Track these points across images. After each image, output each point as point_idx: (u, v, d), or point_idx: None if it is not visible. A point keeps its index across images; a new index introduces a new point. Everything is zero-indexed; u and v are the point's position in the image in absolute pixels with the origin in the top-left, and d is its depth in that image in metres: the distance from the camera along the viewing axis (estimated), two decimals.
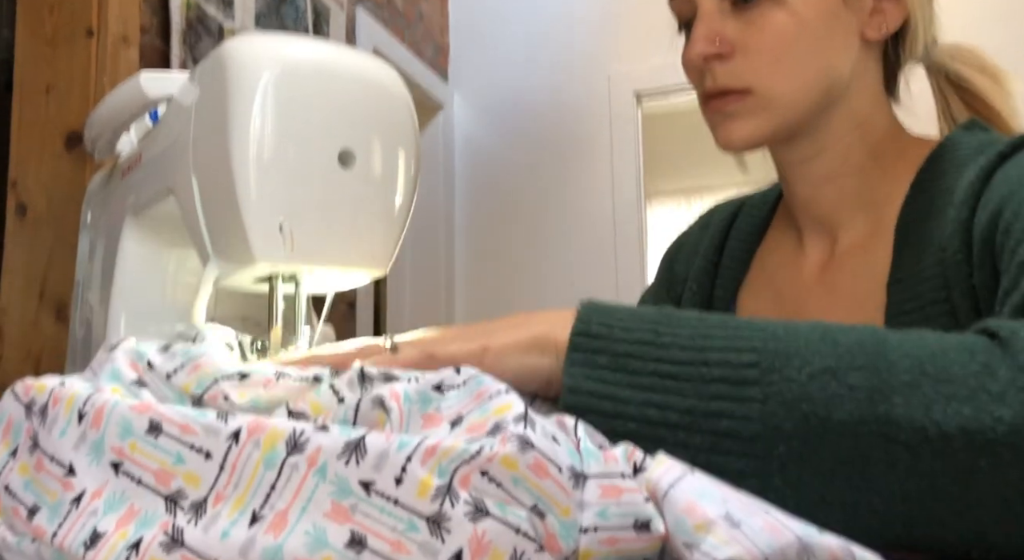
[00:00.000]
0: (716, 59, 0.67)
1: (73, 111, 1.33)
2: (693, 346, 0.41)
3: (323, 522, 0.31)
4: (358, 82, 0.65)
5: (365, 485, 0.32)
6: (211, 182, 0.63)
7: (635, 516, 0.32)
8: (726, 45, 0.67)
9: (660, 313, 0.44)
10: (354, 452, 0.32)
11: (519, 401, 0.35)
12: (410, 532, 0.30)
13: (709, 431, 0.39)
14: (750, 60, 0.66)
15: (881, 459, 0.36)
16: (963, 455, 0.35)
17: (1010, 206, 0.56)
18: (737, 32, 0.67)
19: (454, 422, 0.36)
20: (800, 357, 0.39)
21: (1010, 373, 0.37)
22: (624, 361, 0.41)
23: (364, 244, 0.66)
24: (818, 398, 0.38)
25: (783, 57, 0.66)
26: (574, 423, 0.36)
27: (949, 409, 0.36)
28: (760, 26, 0.66)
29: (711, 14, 0.67)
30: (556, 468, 0.31)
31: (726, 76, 0.67)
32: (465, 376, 0.39)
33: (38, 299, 1.30)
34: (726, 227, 0.84)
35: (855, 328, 0.41)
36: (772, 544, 0.30)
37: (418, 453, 0.32)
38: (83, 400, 0.40)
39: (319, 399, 0.40)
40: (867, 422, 0.37)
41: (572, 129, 3.05)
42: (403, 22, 2.87)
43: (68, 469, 0.38)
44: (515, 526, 0.30)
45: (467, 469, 0.31)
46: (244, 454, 0.34)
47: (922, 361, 0.38)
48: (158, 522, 0.35)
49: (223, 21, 1.88)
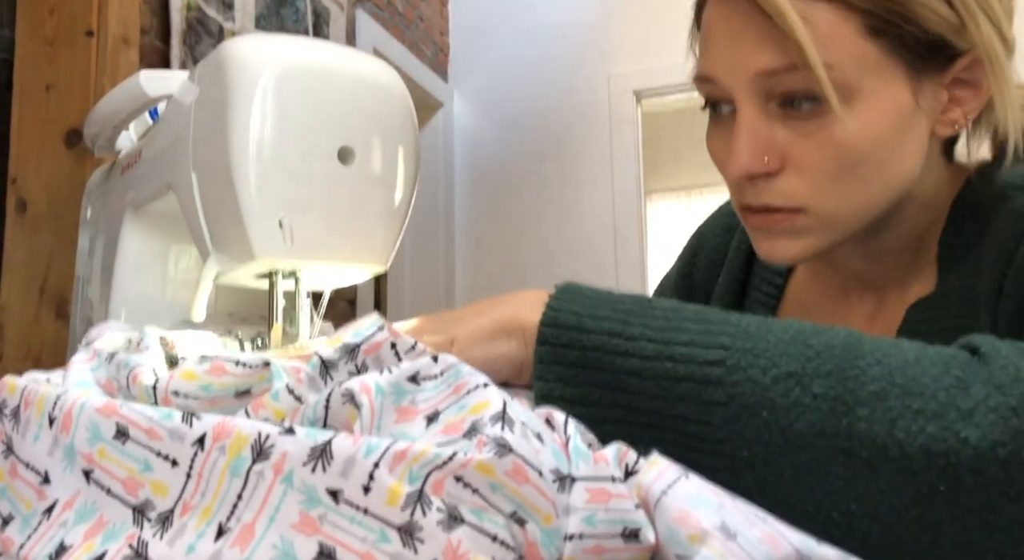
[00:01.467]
0: (762, 177, 0.55)
1: (73, 110, 1.33)
2: (661, 339, 0.40)
3: (290, 535, 0.30)
4: (357, 81, 0.65)
5: (333, 493, 0.30)
6: (211, 179, 0.63)
7: (624, 524, 0.30)
8: (775, 161, 0.54)
9: (633, 300, 0.43)
10: (320, 458, 0.31)
11: (498, 397, 0.34)
12: (381, 543, 0.29)
13: (678, 431, 0.38)
14: (804, 178, 0.54)
15: (840, 473, 0.35)
16: (923, 476, 0.34)
17: None
18: (788, 144, 0.54)
19: (430, 417, 0.35)
20: (767, 358, 0.38)
21: (984, 390, 0.35)
22: (593, 356, 0.40)
23: (364, 241, 0.67)
24: (780, 405, 0.36)
25: (845, 175, 0.53)
26: (564, 419, 0.34)
27: (914, 426, 0.34)
28: (818, 141, 0.53)
29: (756, 121, 0.54)
30: (537, 473, 0.30)
31: (774, 195, 0.55)
32: (443, 365, 0.37)
33: (38, 296, 1.30)
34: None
35: (830, 330, 0.39)
36: (770, 556, 0.29)
37: (386, 458, 0.30)
38: (52, 403, 0.39)
39: (278, 404, 0.39)
40: (828, 435, 0.35)
41: (572, 128, 3.05)
42: (403, 23, 2.87)
43: (44, 477, 0.38)
44: (492, 534, 0.28)
45: (440, 474, 0.29)
46: (210, 461, 0.33)
47: (893, 371, 0.36)
48: (124, 535, 0.34)
49: (223, 22, 1.88)
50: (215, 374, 0.41)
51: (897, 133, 0.53)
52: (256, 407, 0.39)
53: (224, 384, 0.41)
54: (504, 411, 0.32)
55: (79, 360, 0.47)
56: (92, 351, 0.48)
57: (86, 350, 0.49)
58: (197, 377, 0.41)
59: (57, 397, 0.39)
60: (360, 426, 0.34)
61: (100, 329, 0.55)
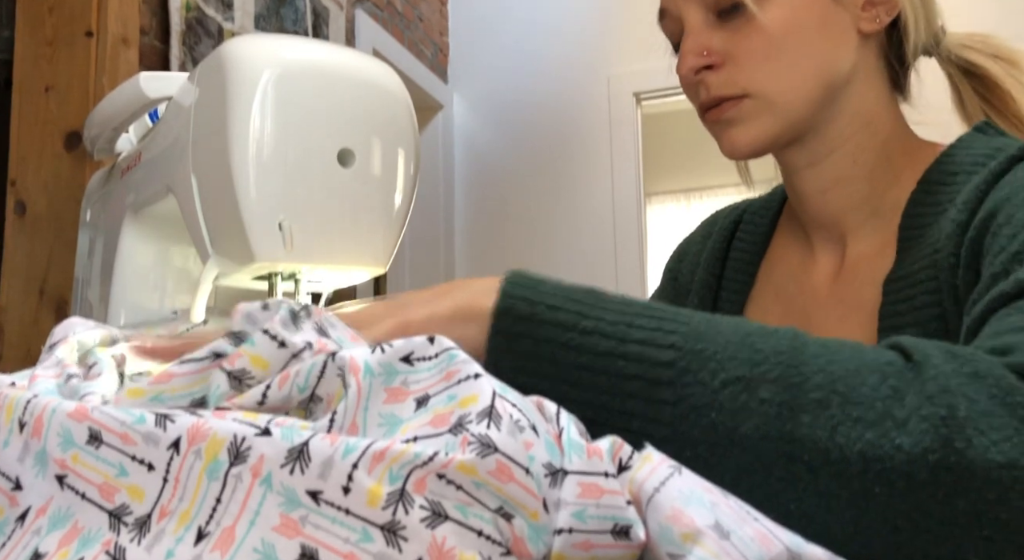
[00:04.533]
0: (707, 70, 0.67)
1: (73, 111, 1.33)
2: (615, 335, 0.40)
3: (272, 537, 0.29)
4: (357, 82, 0.65)
5: (313, 494, 0.29)
6: (211, 181, 0.63)
7: (614, 520, 0.30)
8: (715, 55, 0.66)
9: (587, 293, 0.43)
10: (298, 460, 0.30)
11: (488, 391, 0.33)
12: (364, 543, 0.28)
13: (622, 428, 0.39)
14: (741, 66, 0.66)
15: (782, 475, 0.37)
16: (859, 480, 0.36)
17: (1005, 209, 0.54)
18: (724, 42, 0.66)
19: (420, 400, 0.34)
20: (716, 361, 0.39)
21: (916, 400, 0.36)
22: (546, 349, 0.41)
23: (363, 243, 0.66)
24: (727, 408, 0.38)
25: (773, 58, 0.65)
26: (556, 410, 0.34)
27: (853, 433, 0.36)
28: (746, 33, 0.65)
29: (698, 29, 0.67)
30: (523, 470, 0.29)
31: (719, 85, 0.66)
32: (438, 348, 0.36)
33: (38, 297, 1.30)
34: (728, 236, 0.81)
35: (776, 332, 0.41)
36: (762, 556, 0.29)
37: (365, 459, 0.29)
38: (22, 407, 0.38)
39: (255, 350, 0.37)
40: (772, 438, 0.37)
41: (572, 130, 3.05)
42: (403, 23, 2.87)
43: (15, 483, 0.37)
44: (477, 529, 0.28)
45: (422, 473, 0.29)
46: (186, 465, 0.33)
47: (835, 380, 0.38)
48: (100, 541, 0.33)
49: (223, 23, 1.88)
50: (162, 382, 0.39)
51: (819, 24, 0.65)
52: (233, 359, 0.37)
53: (175, 388, 0.39)
54: (492, 406, 0.31)
55: (46, 374, 0.46)
56: (60, 366, 0.47)
57: (48, 355, 0.48)
58: (144, 392, 0.40)
59: (27, 402, 0.38)
60: (345, 407, 0.34)
61: (63, 328, 0.53)
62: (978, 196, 0.58)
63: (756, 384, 0.38)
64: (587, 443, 0.33)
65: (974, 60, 0.71)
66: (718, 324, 0.41)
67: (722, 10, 0.66)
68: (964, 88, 0.72)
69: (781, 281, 0.76)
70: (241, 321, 0.40)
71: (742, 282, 0.78)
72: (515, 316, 0.42)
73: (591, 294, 0.43)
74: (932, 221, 0.62)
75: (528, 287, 0.43)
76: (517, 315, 0.42)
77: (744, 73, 0.65)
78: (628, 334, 0.40)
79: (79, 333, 0.52)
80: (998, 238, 0.53)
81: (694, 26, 0.67)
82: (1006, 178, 0.58)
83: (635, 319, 0.41)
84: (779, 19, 0.64)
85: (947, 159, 0.65)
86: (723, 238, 0.81)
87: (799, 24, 0.65)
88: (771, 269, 0.77)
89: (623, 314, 0.42)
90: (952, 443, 0.35)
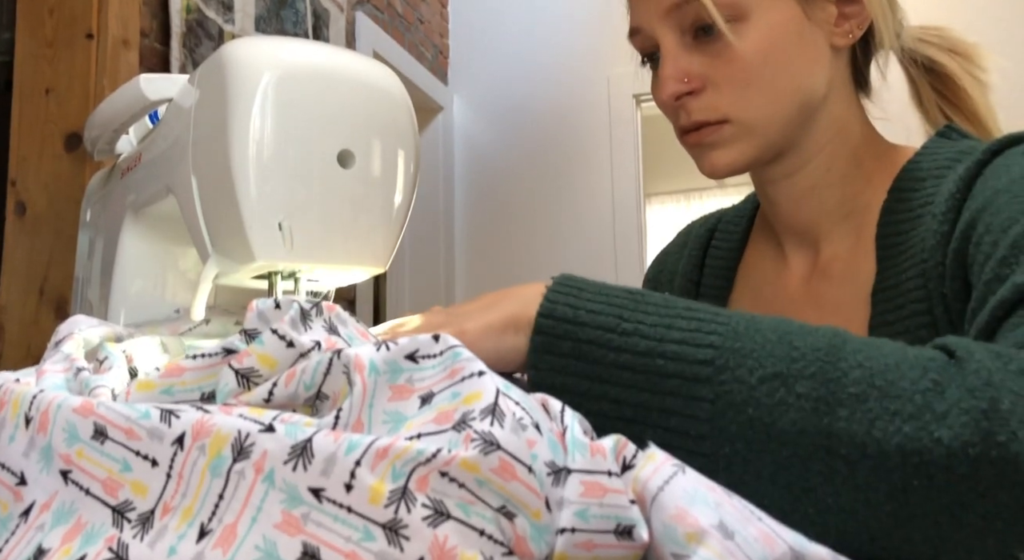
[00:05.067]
0: (688, 96, 0.66)
1: (73, 112, 1.33)
2: (654, 336, 0.41)
3: (273, 535, 0.29)
4: (357, 84, 0.66)
5: (315, 492, 0.29)
6: (211, 182, 0.63)
7: (617, 520, 0.30)
8: (695, 81, 0.65)
9: (628, 295, 0.44)
10: (301, 457, 0.30)
11: (491, 388, 0.33)
12: (366, 541, 0.28)
13: (660, 426, 0.39)
14: (721, 92, 0.65)
15: (820, 470, 0.37)
16: (898, 474, 0.36)
17: (983, 219, 0.55)
18: (704, 66, 0.65)
19: (424, 397, 0.34)
20: (754, 358, 0.39)
21: (958, 393, 0.36)
22: (586, 349, 0.42)
23: (363, 244, 0.67)
24: (765, 404, 0.38)
25: (753, 84, 0.64)
26: (560, 408, 0.34)
27: (891, 426, 0.36)
28: (726, 58, 0.64)
29: (675, 52, 0.65)
30: (526, 469, 0.29)
31: (700, 111, 0.66)
32: (443, 346, 0.36)
33: (38, 297, 1.31)
34: (704, 244, 0.83)
35: (816, 330, 0.41)
36: (766, 555, 0.29)
37: (368, 457, 0.29)
38: (28, 402, 0.38)
39: (264, 349, 0.37)
40: (809, 433, 0.37)
41: (572, 131, 3.06)
42: (403, 25, 2.88)
43: (20, 478, 0.37)
44: (479, 528, 0.28)
45: (424, 470, 0.28)
46: (190, 461, 0.32)
47: (873, 374, 0.38)
48: (103, 537, 0.33)
49: (223, 24, 1.88)
50: (174, 376, 0.40)
51: (794, 44, 0.64)
52: (241, 357, 0.38)
53: (186, 382, 0.39)
54: (496, 404, 0.31)
55: (54, 369, 0.46)
56: (68, 361, 0.47)
57: (55, 351, 0.48)
58: (155, 385, 0.40)
59: (33, 397, 0.38)
60: (350, 404, 0.34)
61: (68, 325, 0.53)
62: (955, 205, 0.59)
63: (793, 380, 0.38)
64: (591, 441, 0.32)
65: (931, 55, 0.71)
66: (758, 323, 0.42)
67: (698, 31, 0.65)
68: (923, 85, 0.73)
69: (757, 285, 0.77)
70: (253, 318, 0.41)
71: (720, 287, 0.79)
72: (557, 318, 0.43)
73: (633, 297, 0.44)
74: (908, 228, 0.63)
75: (571, 292, 0.45)
76: (559, 318, 0.43)
77: (725, 99, 0.65)
78: (667, 334, 0.41)
79: (84, 330, 0.52)
80: (982, 247, 0.53)
81: (671, 50, 0.66)
82: (977, 186, 0.59)
83: (675, 321, 0.42)
84: (756, 43, 0.63)
85: (914, 166, 0.66)
86: (699, 246, 0.82)
87: (776, 47, 0.64)
88: (748, 274, 0.78)
89: (663, 315, 0.43)
90: (994, 436, 0.35)
